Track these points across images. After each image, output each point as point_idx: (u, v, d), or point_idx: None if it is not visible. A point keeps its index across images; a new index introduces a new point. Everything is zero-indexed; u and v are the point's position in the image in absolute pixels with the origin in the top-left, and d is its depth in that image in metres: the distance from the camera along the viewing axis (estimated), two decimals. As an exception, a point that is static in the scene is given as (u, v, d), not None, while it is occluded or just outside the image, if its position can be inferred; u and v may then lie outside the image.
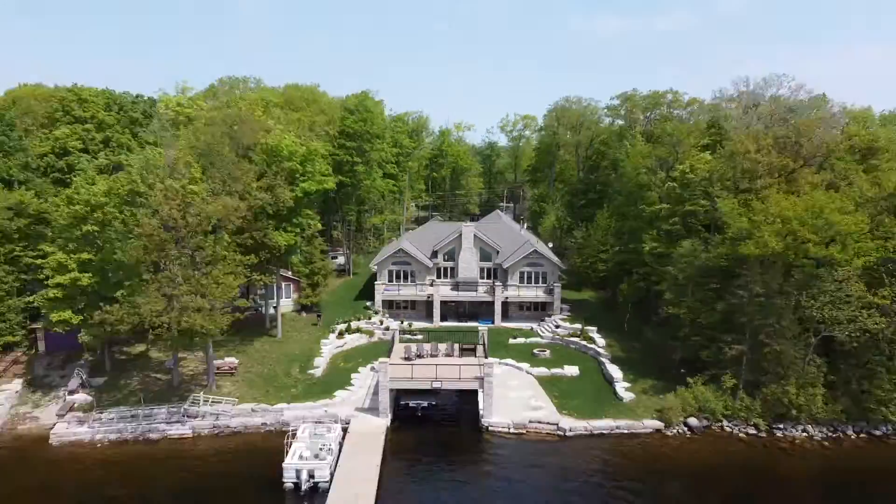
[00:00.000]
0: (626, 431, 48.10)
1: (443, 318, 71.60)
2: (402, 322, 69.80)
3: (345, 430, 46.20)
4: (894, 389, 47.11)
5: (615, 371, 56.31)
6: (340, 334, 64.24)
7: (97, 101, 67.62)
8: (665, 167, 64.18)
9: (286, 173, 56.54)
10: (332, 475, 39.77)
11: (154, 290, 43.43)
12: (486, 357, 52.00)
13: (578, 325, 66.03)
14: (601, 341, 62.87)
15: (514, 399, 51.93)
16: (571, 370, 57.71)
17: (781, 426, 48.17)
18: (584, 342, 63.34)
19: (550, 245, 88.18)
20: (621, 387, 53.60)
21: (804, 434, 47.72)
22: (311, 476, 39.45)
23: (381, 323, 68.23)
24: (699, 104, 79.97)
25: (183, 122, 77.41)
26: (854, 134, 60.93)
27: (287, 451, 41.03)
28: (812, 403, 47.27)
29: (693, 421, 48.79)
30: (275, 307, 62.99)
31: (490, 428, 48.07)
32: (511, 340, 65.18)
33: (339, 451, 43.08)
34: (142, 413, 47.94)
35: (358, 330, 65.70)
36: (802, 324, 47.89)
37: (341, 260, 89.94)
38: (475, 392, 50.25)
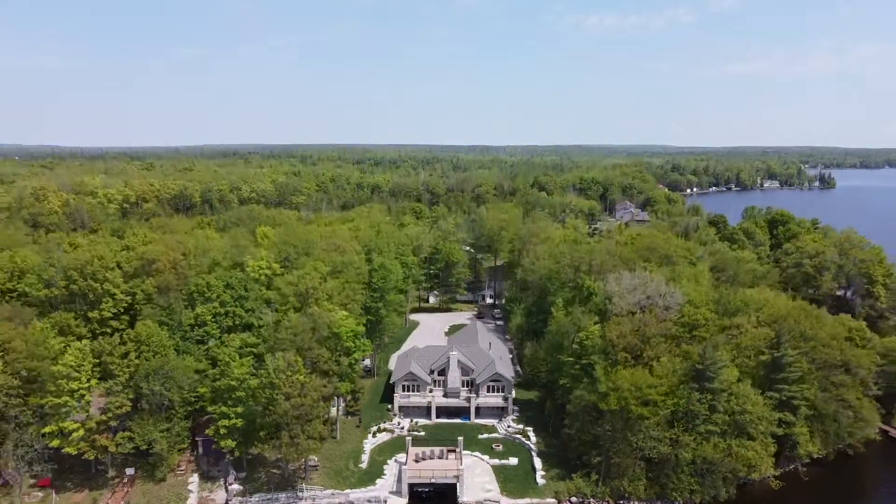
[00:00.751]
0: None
1: (438, 416, 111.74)
2: (411, 420, 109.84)
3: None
4: (680, 483, 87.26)
5: (538, 462, 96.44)
6: (374, 434, 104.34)
7: (218, 285, 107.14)
8: (572, 333, 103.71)
9: (344, 347, 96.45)
10: (382, 534, 79.91)
11: (287, 437, 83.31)
12: (461, 461, 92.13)
13: (521, 426, 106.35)
14: (534, 438, 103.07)
15: (477, 483, 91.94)
16: (513, 460, 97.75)
17: (622, 502, 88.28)
18: (523, 438, 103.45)
19: (513, 354, 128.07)
20: (540, 475, 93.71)
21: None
22: (373, 534, 79.68)
23: (399, 424, 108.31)
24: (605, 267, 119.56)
25: (263, 281, 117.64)
26: (684, 314, 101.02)
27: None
28: (637, 490, 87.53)
29: (574, 499, 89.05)
30: (335, 420, 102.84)
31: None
32: (479, 436, 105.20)
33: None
34: (273, 497, 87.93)
35: (384, 430, 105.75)
36: (633, 447, 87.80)
37: (368, 363, 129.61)
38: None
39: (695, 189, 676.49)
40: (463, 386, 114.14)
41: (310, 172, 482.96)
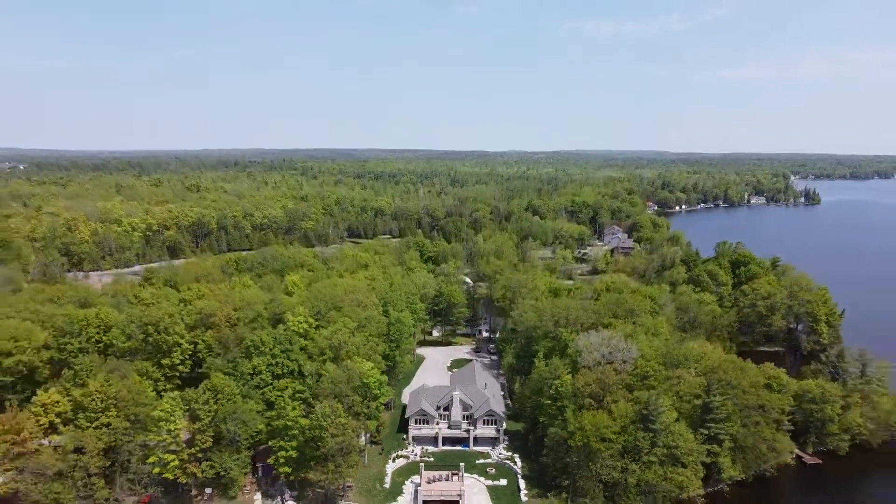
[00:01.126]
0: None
1: (443, 444, 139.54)
2: (422, 448, 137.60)
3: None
4: (628, 501, 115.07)
5: (523, 484, 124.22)
6: (394, 460, 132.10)
7: (269, 341, 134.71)
8: (550, 380, 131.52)
9: (373, 394, 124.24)
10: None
11: (333, 466, 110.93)
12: (462, 482, 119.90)
13: (510, 453, 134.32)
14: (520, 464, 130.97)
15: (475, 500, 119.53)
16: (503, 482, 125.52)
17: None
18: (511, 464, 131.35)
19: (504, 389, 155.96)
20: (524, 493, 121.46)
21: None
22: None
23: (412, 451, 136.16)
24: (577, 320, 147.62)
25: (302, 332, 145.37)
26: (637, 366, 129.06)
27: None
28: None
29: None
30: (363, 448, 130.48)
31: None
32: (476, 461, 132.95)
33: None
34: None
35: (401, 456, 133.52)
36: (593, 473, 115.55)
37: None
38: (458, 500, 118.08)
39: (683, 206, 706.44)
40: (463, 420, 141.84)
41: (316, 195, 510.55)
